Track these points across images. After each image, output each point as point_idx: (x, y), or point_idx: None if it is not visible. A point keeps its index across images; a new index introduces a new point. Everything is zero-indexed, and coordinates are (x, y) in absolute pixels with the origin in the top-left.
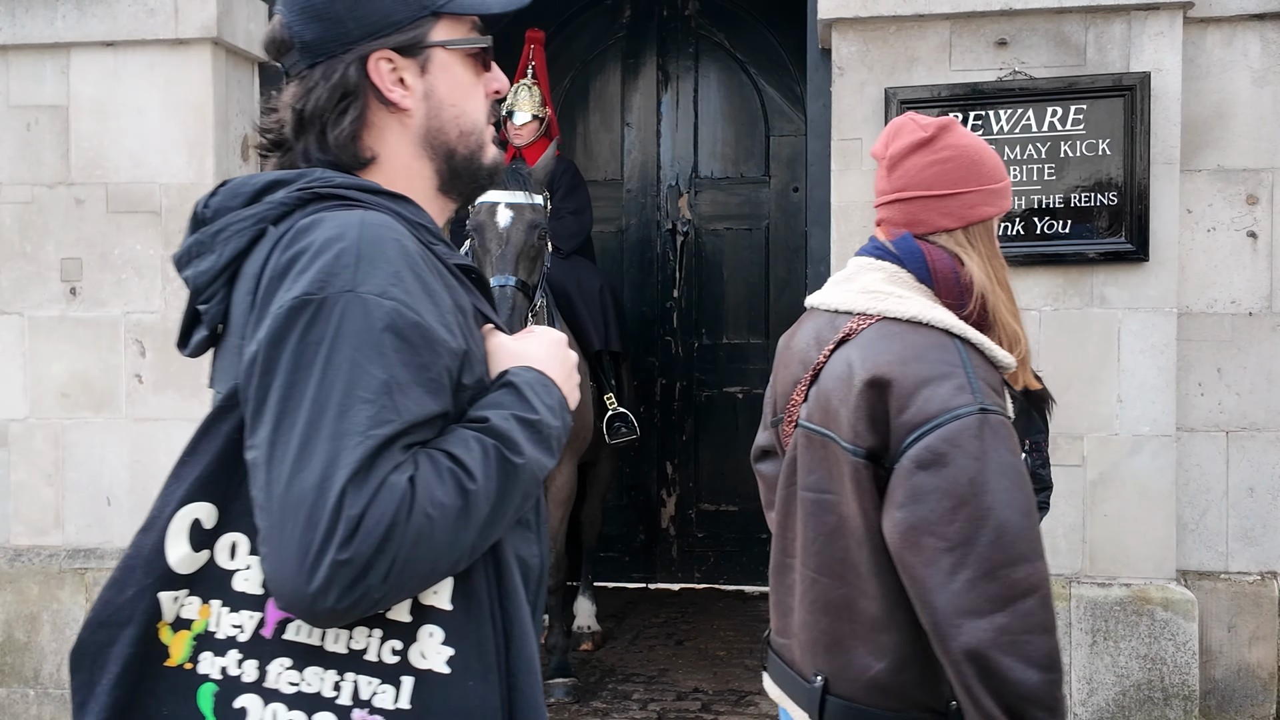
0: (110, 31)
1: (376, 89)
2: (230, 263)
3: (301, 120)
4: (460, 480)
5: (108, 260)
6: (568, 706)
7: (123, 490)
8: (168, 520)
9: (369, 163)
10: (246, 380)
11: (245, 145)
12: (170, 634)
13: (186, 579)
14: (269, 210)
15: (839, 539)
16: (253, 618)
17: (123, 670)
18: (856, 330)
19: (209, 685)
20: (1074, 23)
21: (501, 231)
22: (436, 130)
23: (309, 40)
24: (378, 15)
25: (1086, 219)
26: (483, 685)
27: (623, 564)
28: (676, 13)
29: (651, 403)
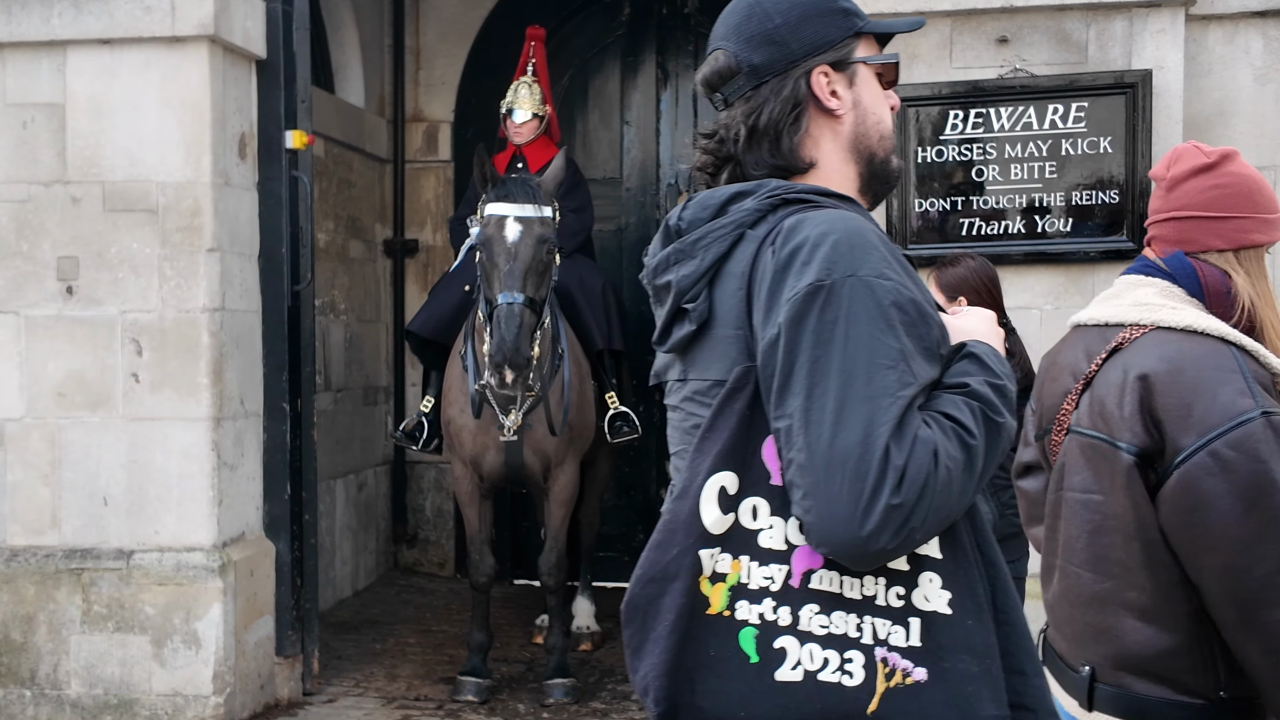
0: (107, 29)
1: (817, 99)
2: (712, 266)
3: (754, 133)
4: (963, 437)
5: (104, 259)
6: (567, 707)
7: (119, 490)
8: (699, 488)
9: (809, 168)
10: (768, 360)
11: (242, 143)
12: (709, 586)
13: (718, 538)
14: (744, 217)
15: (1104, 535)
16: (781, 570)
17: (676, 618)
18: (1130, 339)
19: (749, 629)
20: (1075, 20)
21: (510, 246)
22: (861, 136)
23: (757, 63)
24: (816, 36)
25: (1088, 217)
26: (979, 624)
27: (622, 564)
28: (676, 10)
29: (651, 402)
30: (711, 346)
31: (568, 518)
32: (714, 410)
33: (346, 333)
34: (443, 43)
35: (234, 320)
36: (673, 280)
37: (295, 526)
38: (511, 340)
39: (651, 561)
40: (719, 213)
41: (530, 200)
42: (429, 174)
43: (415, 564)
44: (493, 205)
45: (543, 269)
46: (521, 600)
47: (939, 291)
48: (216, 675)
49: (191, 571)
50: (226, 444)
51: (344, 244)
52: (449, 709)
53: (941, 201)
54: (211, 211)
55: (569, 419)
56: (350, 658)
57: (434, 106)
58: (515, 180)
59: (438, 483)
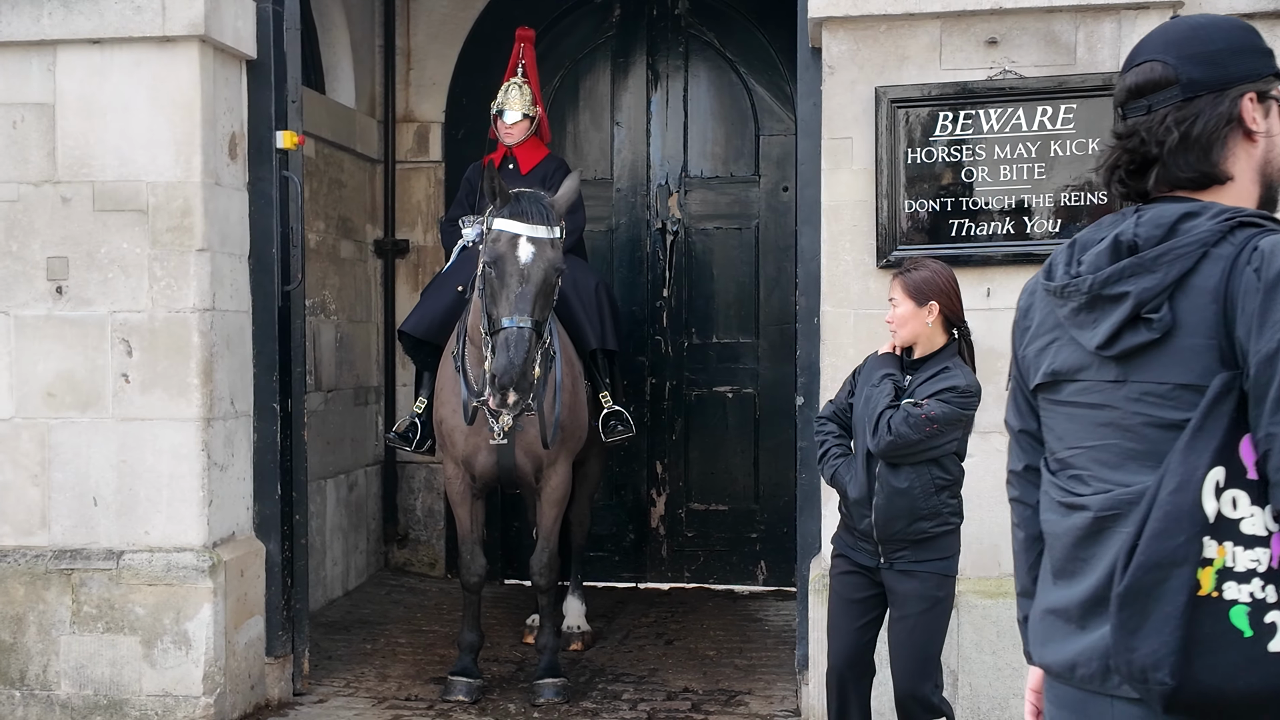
0: (97, 29)
1: (1242, 121)
2: (1175, 280)
3: (1185, 140)
4: None
5: (94, 259)
6: (557, 707)
7: (109, 490)
8: (1200, 482)
9: (1227, 181)
10: (1264, 370)
11: (233, 143)
12: (1200, 571)
13: (1211, 527)
14: (1207, 236)
15: None
16: (1265, 553)
17: (1186, 601)
18: None
19: (1240, 607)
20: (1064, 22)
21: (523, 268)
22: (1267, 162)
23: (1195, 78)
24: (1248, 67)
25: (1076, 218)
26: None
27: (613, 563)
28: (666, 12)
29: (641, 402)
30: (1171, 354)
31: (560, 518)
32: (1202, 412)
33: (337, 333)
34: (433, 43)
35: (224, 320)
36: (1132, 291)
37: (285, 527)
38: (519, 364)
39: (1154, 550)
40: (1171, 231)
41: (544, 221)
42: (420, 174)
43: (406, 564)
44: (505, 222)
45: (550, 290)
46: (512, 600)
47: (907, 296)
48: (207, 676)
49: (181, 572)
50: (217, 444)
51: (335, 244)
52: (440, 709)
53: (930, 202)
54: (202, 211)
55: (561, 419)
56: (341, 658)
57: (425, 107)
58: (529, 198)
59: (428, 483)
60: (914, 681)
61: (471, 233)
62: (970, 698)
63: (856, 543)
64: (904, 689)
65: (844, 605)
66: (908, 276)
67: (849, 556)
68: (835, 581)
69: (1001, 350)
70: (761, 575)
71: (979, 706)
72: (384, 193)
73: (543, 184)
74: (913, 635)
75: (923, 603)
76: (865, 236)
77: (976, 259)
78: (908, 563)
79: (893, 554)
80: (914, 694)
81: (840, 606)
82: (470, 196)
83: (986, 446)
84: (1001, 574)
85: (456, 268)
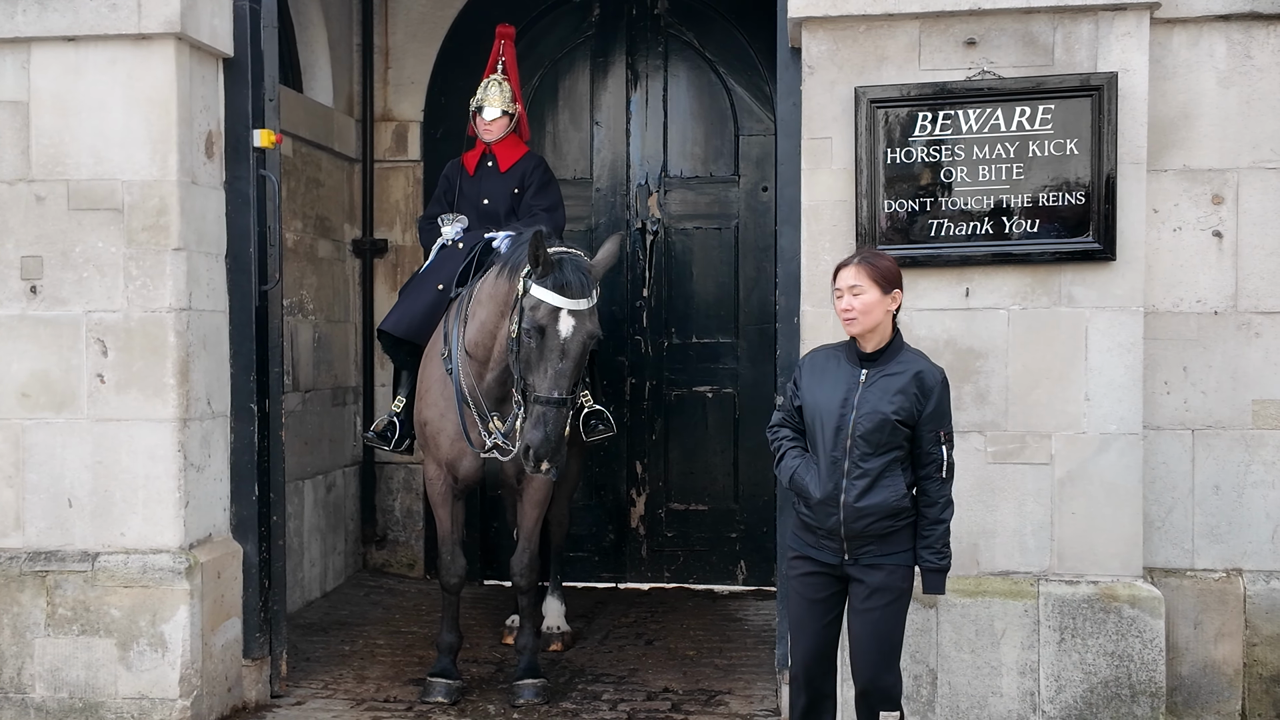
0: (72, 26)
1: None
2: None
3: None
4: None
5: (69, 258)
6: (537, 708)
7: (84, 491)
8: None
9: None
10: None
11: (209, 142)
12: None
13: None
14: None
15: None
16: None
17: None
18: None
19: None
20: (1042, 23)
21: (564, 343)
22: None
23: None
24: None
25: (1054, 218)
26: None
27: (592, 564)
28: (646, 11)
29: (621, 402)
30: None
31: (541, 519)
32: None
33: (315, 333)
34: (412, 42)
35: (201, 320)
36: None
37: (263, 528)
38: (555, 439)
39: None
40: None
41: (584, 294)
42: (398, 174)
43: (384, 565)
44: (546, 293)
45: (585, 359)
46: (491, 601)
47: (874, 283)
48: (183, 678)
49: (158, 573)
50: (193, 445)
51: (312, 243)
52: (418, 710)
53: (910, 202)
54: (178, 210)
55: None
56: (319, 659)
57: (403, 106)
58: (571, 267)
59: (407, 483)
60: (878, 672)
61: (451, 231)
62: (949, 696)
63: (820, 541)
64: (868, 680)
65: (808, 606)
66: (873, 264)
67: (811, 557)
68: (798, 583)
69: (980, 350)
70: (741, 575)
71: (958, 705)
72: (362, 192)
73: (521, 182)
74: (878, 626)
75: (889, 594)
76: (845, 236)
77: (955, 259)
78: (873, 557)
79: (858, 550)
80: (878, 685)
81: (805, 607)
82: (448, 194)
83: (965, 446)
84: (980, 572)
85: (436, 266)
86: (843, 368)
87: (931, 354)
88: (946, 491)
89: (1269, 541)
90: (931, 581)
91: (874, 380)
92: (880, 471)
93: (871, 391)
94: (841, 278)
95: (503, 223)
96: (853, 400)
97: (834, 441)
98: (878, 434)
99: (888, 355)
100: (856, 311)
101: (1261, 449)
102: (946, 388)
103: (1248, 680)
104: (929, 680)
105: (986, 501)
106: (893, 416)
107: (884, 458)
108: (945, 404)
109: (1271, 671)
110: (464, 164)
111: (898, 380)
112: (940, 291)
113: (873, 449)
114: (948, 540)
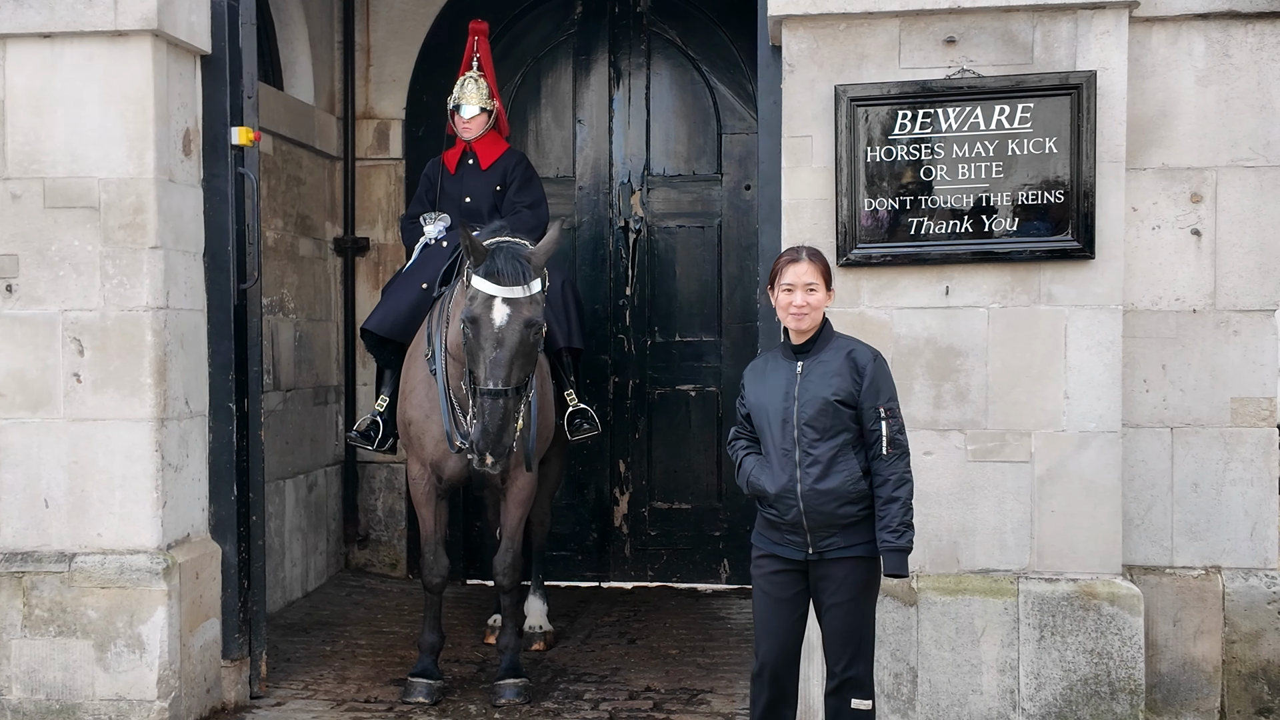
0: (47, 23)
1: None
2: None
3: None
4: None
5: (45, 257)
6: (519, 707)
7: (60, 492)
8: None
9: None
10: None
11: (187, 139)
12: None
13: None
14: None
15: None
16: None
17: None
18: None
19: None
20: (1021, 21)
21: (497, 331)
22: None
23: None
24: None
25: (1034, 217)
26: None
27: (575, 563)
28: (628, 9)
29: (604, 401)
30: None
31: (525, 518)
32: None
33: (296, 331)
34: (394, 40)
35: (178, 319)
36: None
37: (242, 528)
38: (495, 431)
39: None
40: None
41: (519, 281)
42: (380, 171)
43: (367, 565)
44: (480, 281)
45: (529, 349)
46: (473, 600)
47: (823, 280)
48: (161, 679)
49: (135, 574)
50: (171, 445)
51: (293, 242)
52: (399, 710)
53: (890, 201)
54: (155, 209)
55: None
56: (299, 660)
57: (385, 104)
58: (505, 254)
59: (389, 483)
60: (850, 664)
61: (433, 230)
62: (930, 694)
63: (784, 538)
64: (842, 673)
65: (775, 605)
66: (822, 261)
67: (777, 554)
68: (764, 582)
69: (960, 348)
70: (724, 573)
71: (939, 703)
72: (344, 190)
73: (502, 179)
74: (848, 620)
75: (857, 588)
76: (825, 235)
77: (935, 257)
78: (838, 550)
79: (822, 542)
80: (852, 677)
81: (771, 606)
82: (430, 193)
83: (945, 444)
84: (961, 570)
85: (419, 265)
86: (780, 365)
87: (911, 352)
88: (898, 468)
89: (1247, 539)
90: (891, 562)
91: (810, 369)
92: (832, 457)
93: (809, 380)
94: (793, 273)
95: (486, 220)
96: (793, 392)
97: (782, 434)
98: (822, 418)
99: (819, 344)
100: (809, 308)
101: (1240, 447)
102: (881, 364)
103: (1227, 677)
104: (909, 678)
105: (967, 499)
106: (832, 398)
107: (833, 442)
108: (881, 380)
109: (1250, 668)
110: (445, 162)
111: (832, 364)
112: (920, 290)
113: (820, 434)
114: (905, 519)
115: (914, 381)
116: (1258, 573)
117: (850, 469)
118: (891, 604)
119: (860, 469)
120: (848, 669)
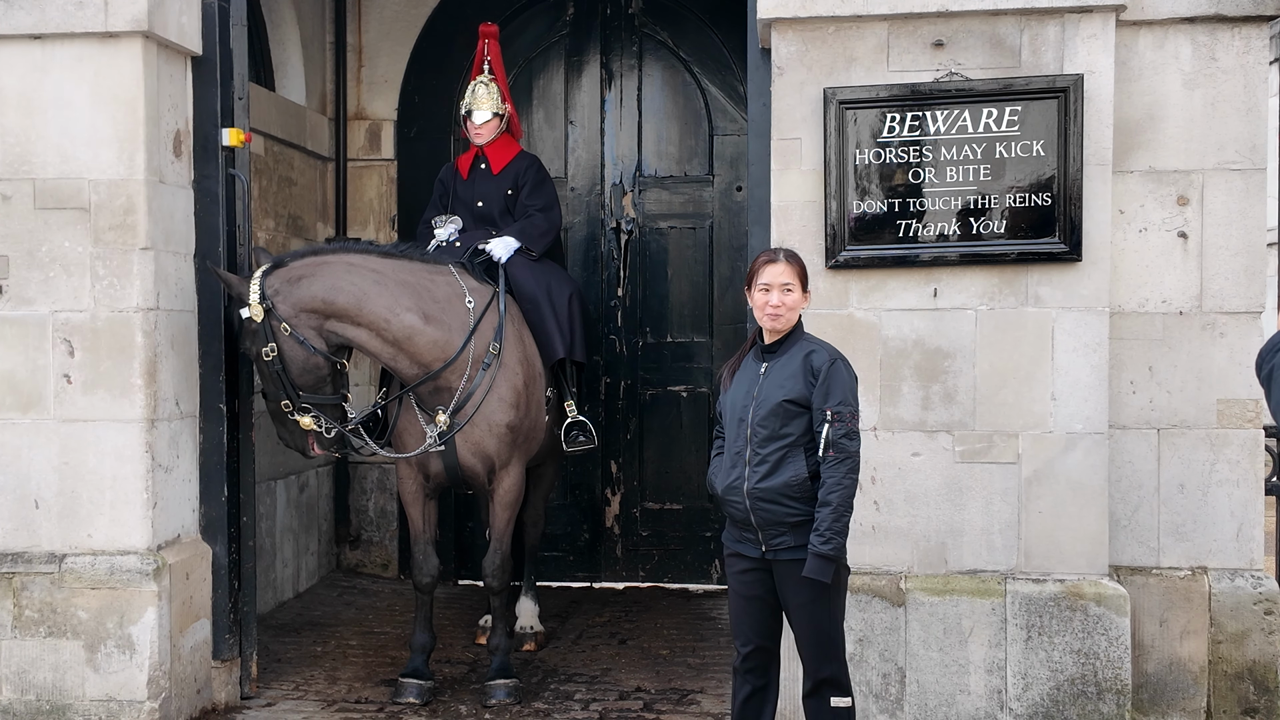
0: (37, 24)
1: None
2: None
3: None
4: None
5: (35, 258)
6: (509, 708)
7: (50, 493)
8: None
9: None
10: None
11: (177, 141)
12: None
13: None
14: None
15: None
16: None
17: None
18: None
19: None
20: (1009, 25)
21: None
22: None
23: None
24: None
25: (1021, 219)
26: None
27: (567, 563)
28: (620, 11)
29: (596, 401)
30: None
31: (513, 520)
32: None
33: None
34: (385, 40)
35: (169, 320)
36: None
37: (233, 528)
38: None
39: None
40: None
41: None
42: (372, 172)
43: (358, 565)
44: None
45: (264, 368)
46: (465, 601)
47: (800, 282)
48: (151, 680)
49: (125, 575)
50: (161, 445)
51: (285, 242)
52: (390, 711)
53: (878, 203)
54: (145, 210)
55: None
56: (290, 660)
57: (377, 104)
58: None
59: (380, 483)
60: (821, 664)
61: (444, 232)
62: (918, 694)
63: (742, 535)
64: (815, 672)
65: (745, 602)
66: (800, 262)
67: (741, 553)
68: (733, 580)
69: (949, 350)
70: (716, 574)
71: (926, 703)
72: (335, 191)
73: (515, 182)
74: (812, 621)
75: (813, 588)
76: (814, 237)
77: (924, 259)
78: (789, 550)
79: (773, 540)
80: (824, 676)
81: (741, 604)
82: (444, 198)
83: (933, 445)
84: (949, 571)
85: None
86: (749, 366)
87: (900, 354)
88: (837, 473)
89: (1234, 540)
90: (811, 566)
91: (772, 370)
92: (780, 457)
93: (769, 381)
94: (770, 273)
95: (497, 224)
96: (754, 392)
97: (737, 433)
98: (772, 419)
99: (786, 345)
100: (785, 309)
101: (1226, 448)
102: (837, 368)
103: (1213, 677)
104: (897, 678)
105: (954, 500)
106: (784, 399)
107: (781, 442)
108: (834, 383)
109: (1236, 668)
110: (458, 167)
111: (791, 365)
112: (908, 292)
113: (769, 434)
114: (835, 525)
115: (902, 383)
116: (1244, 573)
117: (796, 469)
118: (880, 604)
119: (809, 470)
120: (820, 669)
